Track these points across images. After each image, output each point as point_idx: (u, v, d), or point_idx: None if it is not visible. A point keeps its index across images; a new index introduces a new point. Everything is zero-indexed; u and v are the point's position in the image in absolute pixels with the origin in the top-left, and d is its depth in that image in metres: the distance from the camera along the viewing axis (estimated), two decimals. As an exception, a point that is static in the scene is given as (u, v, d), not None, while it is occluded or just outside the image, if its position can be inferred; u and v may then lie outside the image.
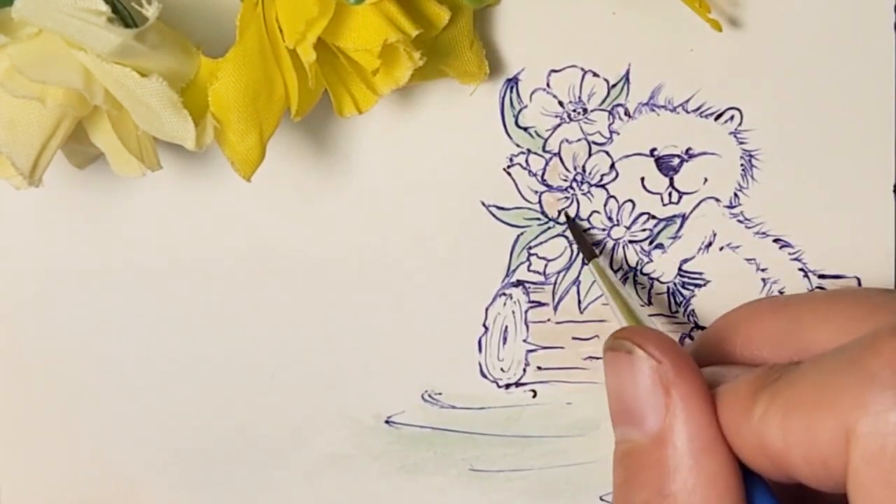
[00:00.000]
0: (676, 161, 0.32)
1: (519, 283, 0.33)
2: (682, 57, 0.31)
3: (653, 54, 0.31)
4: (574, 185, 0.32)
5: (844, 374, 0.21)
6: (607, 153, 0.32)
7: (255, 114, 0.27)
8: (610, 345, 0.25)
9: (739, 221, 0.32)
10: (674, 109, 0.31)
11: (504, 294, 0.33)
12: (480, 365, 0.33)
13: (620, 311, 0.29)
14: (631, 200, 0.32)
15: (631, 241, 0.32)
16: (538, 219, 0.32)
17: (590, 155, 0.32)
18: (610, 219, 0.32)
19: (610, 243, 0.32)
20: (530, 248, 0.32)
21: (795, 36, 0.30)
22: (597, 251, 0.32)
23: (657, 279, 0.32)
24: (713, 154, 0.32)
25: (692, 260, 0.32)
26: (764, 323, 0.27)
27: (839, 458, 0.20)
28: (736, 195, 0.32)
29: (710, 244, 0.32)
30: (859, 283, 0.32)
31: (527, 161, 0.32)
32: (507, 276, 0.33)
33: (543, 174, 0.32)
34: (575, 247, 0.32)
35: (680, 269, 0.32)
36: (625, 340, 0.25)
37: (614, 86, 0.31)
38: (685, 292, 0.33)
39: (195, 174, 0.32)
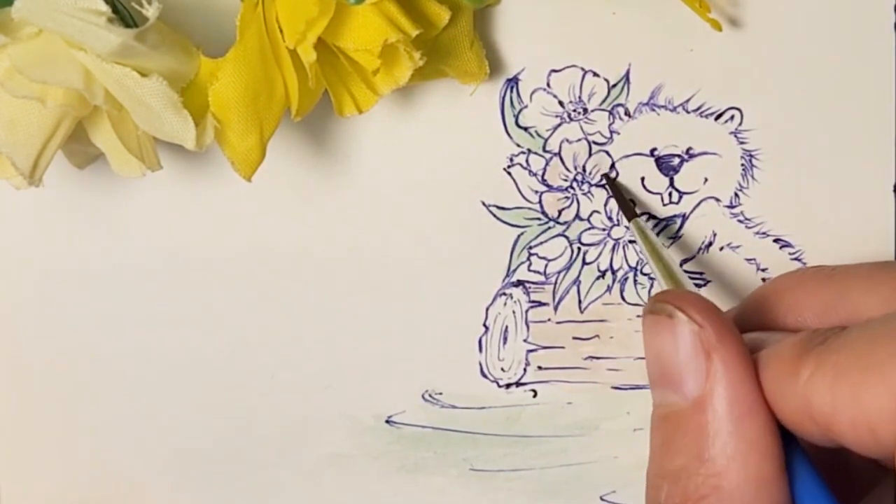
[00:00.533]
0: (676, 161, 0.32)
1: (519, 283, 0.33)
2: (682, 57, 0.31)
3: (653, 54, 0.31)
4: (574, 185, 0.32)
5: (895, 341, 0.20)
6: (607, 153, 0.32)
7: (255, 114, 0.27)
8: (650, 308, 0.25)
9: (740, 221, 0.32)
10: (674, 109, 0.31)
11: (504, 294, 0.33)
12: (481, 365, 0.33)
13: (661, 273, 0.28)
14: (631, 200, 0.32)
15: (631, 241, 0.32)
16: (538, 219, 0.32)
17: (590, 155, 0.32)
18: (610, 219, 0.32)
19: (610, 243, 0.32)
20: (530, 247, 0.32)
21: (795, 36, 0.30)
22: (637, 211, 0.31)
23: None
24: (713, 154, 0.32)
25: (692, 260, 0.32)
26: (810, 291, 0.27)
27: (887, 427, 0.20)
28: (736, 195, 0.32)
29: (710, 244, 0.32)
30: (859, 283, 0.32)
31: (527, 161, 0.32)
32: (507, 275, 0.33)
33: (544, 174, 0.32)
34: (575, 247, 0.32)
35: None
36: (666, 304, 0.24)
37: (614, 86, 0.31)
38: (685, 292, 0.33)
39: (195, 174, 0.32)
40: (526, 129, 0.31)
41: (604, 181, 0.31)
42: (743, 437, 0.22)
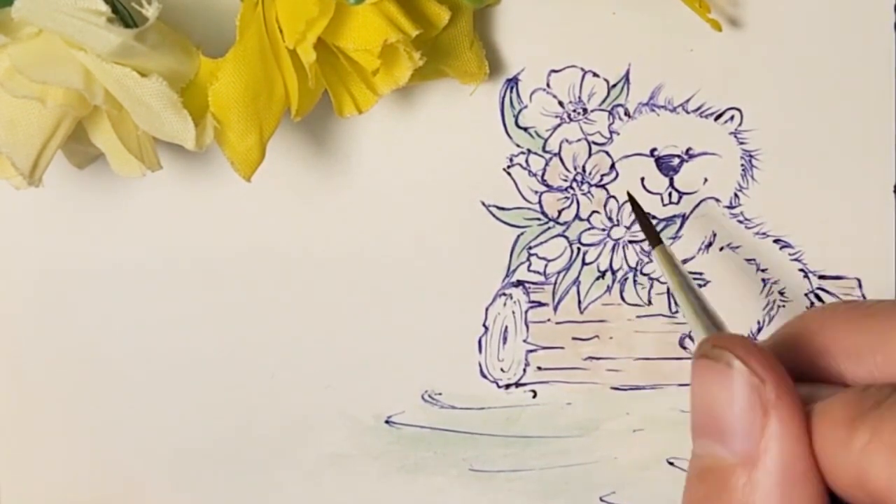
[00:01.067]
0: (676, 161, 0.32)
1: (519, 283, 0.33)
2: (682, 57, 0.31)
3: (653, 54, 0.31)
4: (574, 185, 0.32)
5: None
6: (607, 153, 0.32)
7: (255, 114, 0.27)
8: (705, 352, 0.23)
9: (739, 222, 0.32)
10: (674, 109, 0.31)
11: (504, 294, 0.33)
12: (480, 365, 0.33)
13: (686, 302, 0.27)
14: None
15: (631, 241, 0.32)
16: (538, 219, 0.32)
17: (590, 155, 0.32)
18: (610, 219, 0.32)
19: (610, 243, 0.32)
20: (530, 248, 0.32)
21: (795, 36, 0.30)
22: (662, 238, 0.30)
23: (657, 279, 0.32)
24: (713, 154, 0.32)
25: (692, 260, 0.32)
26: (844, 333, 0.25)
27: None
28: (736, 195, 0.32)
29: (710, 244, 0.32)
30: (860, 285, 0.32)
31: (527, 161, 0.32)
32: (507, 276, 0.33)
33: (543, 174, 0.32)
34: (575, 247, 0.32)
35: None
36: (724, 351, 0.23)
37: (614, 86, 0.31)
38: (685, 292, 0.32)
39: (195, 174, 0.32)
40: (526, 129, 0.31)
41: (627, 199, 0.31)
42: (794, 501, 0.21)
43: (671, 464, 0.34)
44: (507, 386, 0.33)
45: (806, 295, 0.33)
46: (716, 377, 0.23)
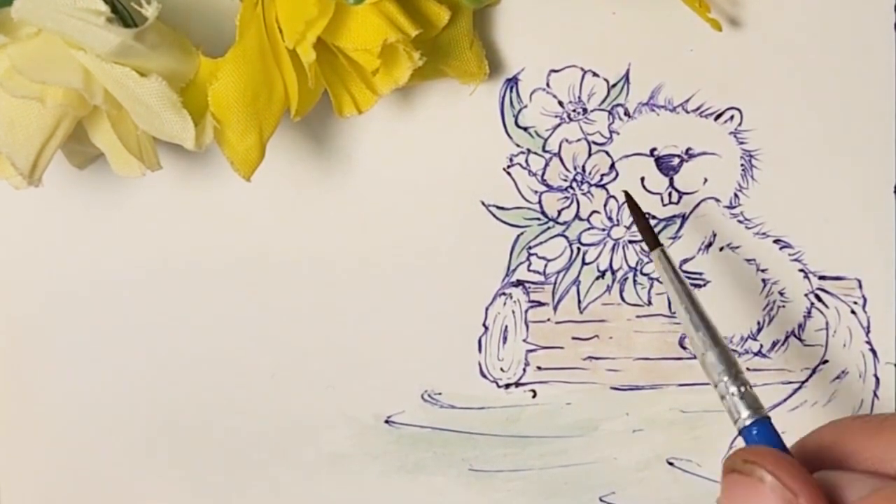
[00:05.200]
0: (676, 161, 0.32)
1: (519, 283, 0.33)
2: (682, 57, 0.31)
3: (653, 54, 0.31)
4: (574, 185, 0.32)
5: None
6: (607, 153, 0.32)
7: (254, 114, 0.27)
8: (735, 466, 0.23)
9: (739, 222, 0.32)
10: (674, 109, 0.31)
11: (504, 294, 0.33)
12: (480, 365, 0.33)
13: (683, 314, 0.27)
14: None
15: (631, 241, 0.32)
16: (538, 219, 0.32)
17: (590, 155, 0.32)
18: (610, 219, 0.32)
19: (610, 243, 0.32)
20: (530, 247, 0.32)
21: (795, 36, 0.30)
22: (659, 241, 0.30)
23: (657, 279, 0.32)
24: (713, 154, 0.32)
25: (692, 260, 0.32)
26: (859, 447, 0.25)
27: None
28: (736, 195, 0.32)
29: (710, 244, 0.32)
30: (860, 285, 0.32)
31: (527, 161, 0.32)
32: (507, 275, 0.33)
33: (543, 174, 0.32)
34: (575, 247, 0.32)
35: (680, 269, 0.32)
36: (756, 466, 0.22)
37: (614, 86, 0.31)
38: (685, 292, 0.32)
39: (195, 174, 0.32)
40: (526, 129, 0.31)
41: (624, 199, 0.31)
42: None
43: (671, 464, 0.34)
44: (507, 386, 0.33)
45: (806, 295, 0.33)
46: (748, 492, 0.22)
